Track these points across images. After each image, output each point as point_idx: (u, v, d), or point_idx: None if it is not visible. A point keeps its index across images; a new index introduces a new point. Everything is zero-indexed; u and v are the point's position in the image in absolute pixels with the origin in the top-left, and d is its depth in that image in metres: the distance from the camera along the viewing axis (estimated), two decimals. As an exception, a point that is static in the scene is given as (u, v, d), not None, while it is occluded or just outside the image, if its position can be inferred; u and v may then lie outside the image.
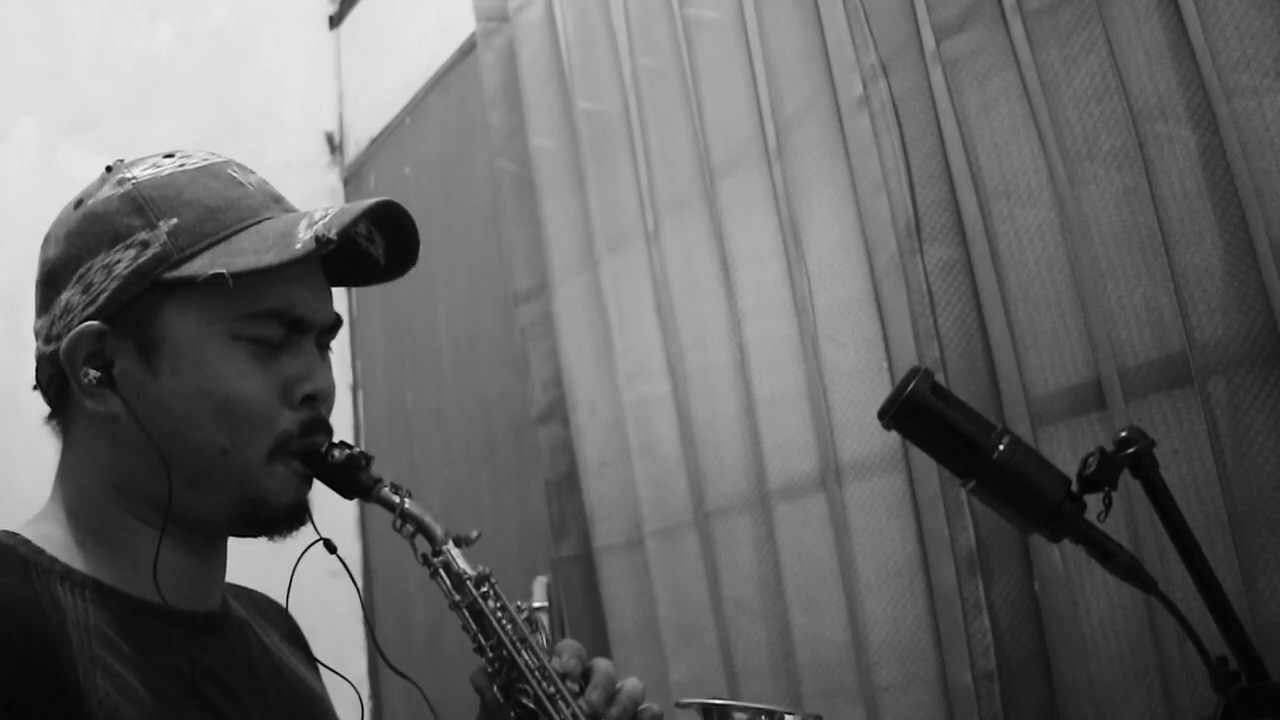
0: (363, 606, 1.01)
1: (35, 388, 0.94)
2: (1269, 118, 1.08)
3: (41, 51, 2.54)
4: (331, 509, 0.99)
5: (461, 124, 2.45)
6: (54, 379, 0.91)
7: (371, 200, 0.92)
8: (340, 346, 2.83)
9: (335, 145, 2.95)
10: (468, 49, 2.37)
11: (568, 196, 1.90)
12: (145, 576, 0.86)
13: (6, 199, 2.38)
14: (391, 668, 1.01)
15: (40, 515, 0.91)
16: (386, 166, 2.77)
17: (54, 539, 0.88)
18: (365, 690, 2.43)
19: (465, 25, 2.26)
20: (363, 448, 0.93)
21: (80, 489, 0.91)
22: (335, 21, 3.02)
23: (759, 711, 1.00)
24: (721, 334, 1.62)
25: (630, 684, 0.94)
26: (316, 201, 3.04)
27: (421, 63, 2.60)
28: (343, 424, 2.75)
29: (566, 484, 1.91)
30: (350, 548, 2.65)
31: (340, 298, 2.82)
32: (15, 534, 0.88)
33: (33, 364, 0.94)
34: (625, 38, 1.81)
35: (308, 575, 1.01)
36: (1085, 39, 1.22)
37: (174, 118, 2.61)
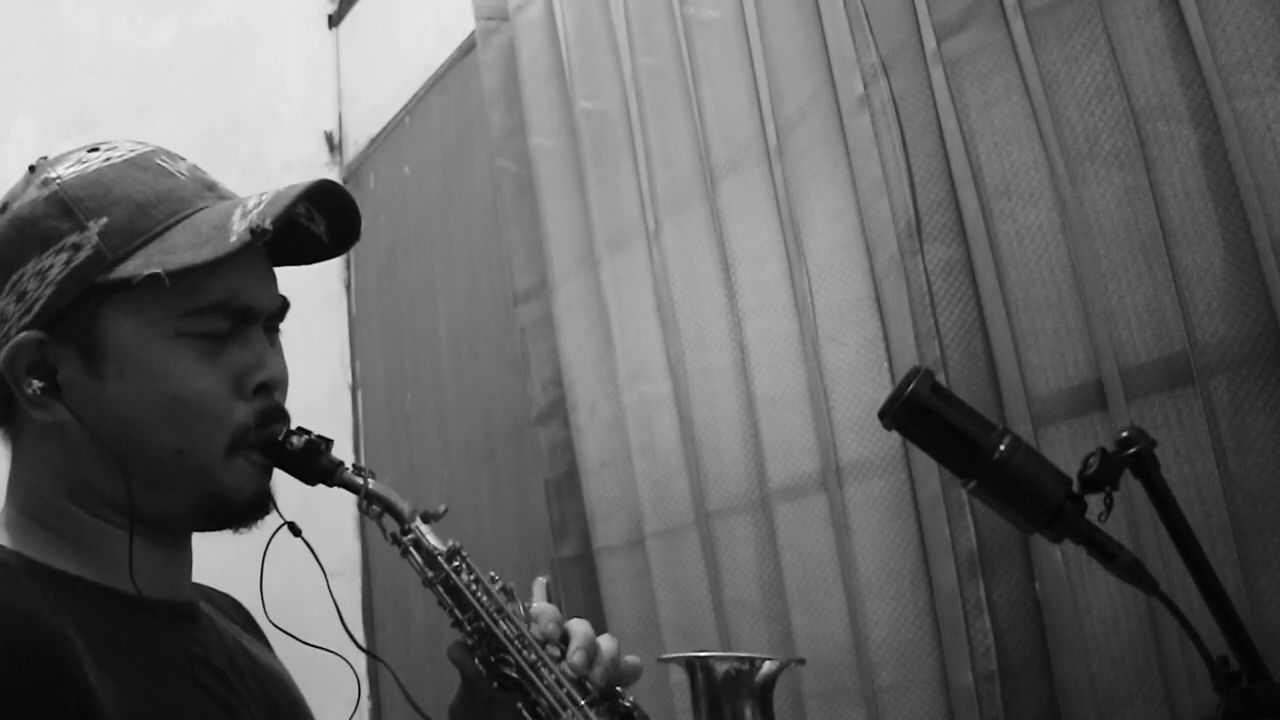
0: (326, 580, 1.00)
1: None
2: (1270, 117, 1.07)
3: (40, 50, 2.54)
4: (329, 509, 0.99)
5: (461, 123, 2.45)
6: None
7: (304, 184, 0.90)
8: (340, 346, 2.86)
9: (334, 145, 2.95)
10: (467, 48, 2.37)
11: (568, 196, 1.89)
12: (120, 572, 0.86)
13: (5, 199, 2.38)
14: (356, 644, 1.01)
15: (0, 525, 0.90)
16: (386, 166, 2.76)
17: (25, 543, 0.87)
18: (365, 687, 2.43)
19: (465, 24, 2.25)
20: (363, 448, 0.94)
21: (38, 496, 0.89)
22: (334, 21, 3.01)
23: (739, 660, 1.01)
24: (722, 334, 1.62)
25: (605, 642, 0.94)
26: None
27: (421, 62, 2.60)
28: (342, 424, 2.75)
29: (566, 484, 1.91)
30: (349, 548, 2.65)
31: (340, 299, 2.85)
32: None
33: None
34: (625, 37, 1.81)
35: (309, 575, 1.01)
36: (1086, 38, 1.22)
37: (172, 117, 2.61)
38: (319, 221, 0.96)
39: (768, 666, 1.00)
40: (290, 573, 1.01)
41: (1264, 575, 1.07)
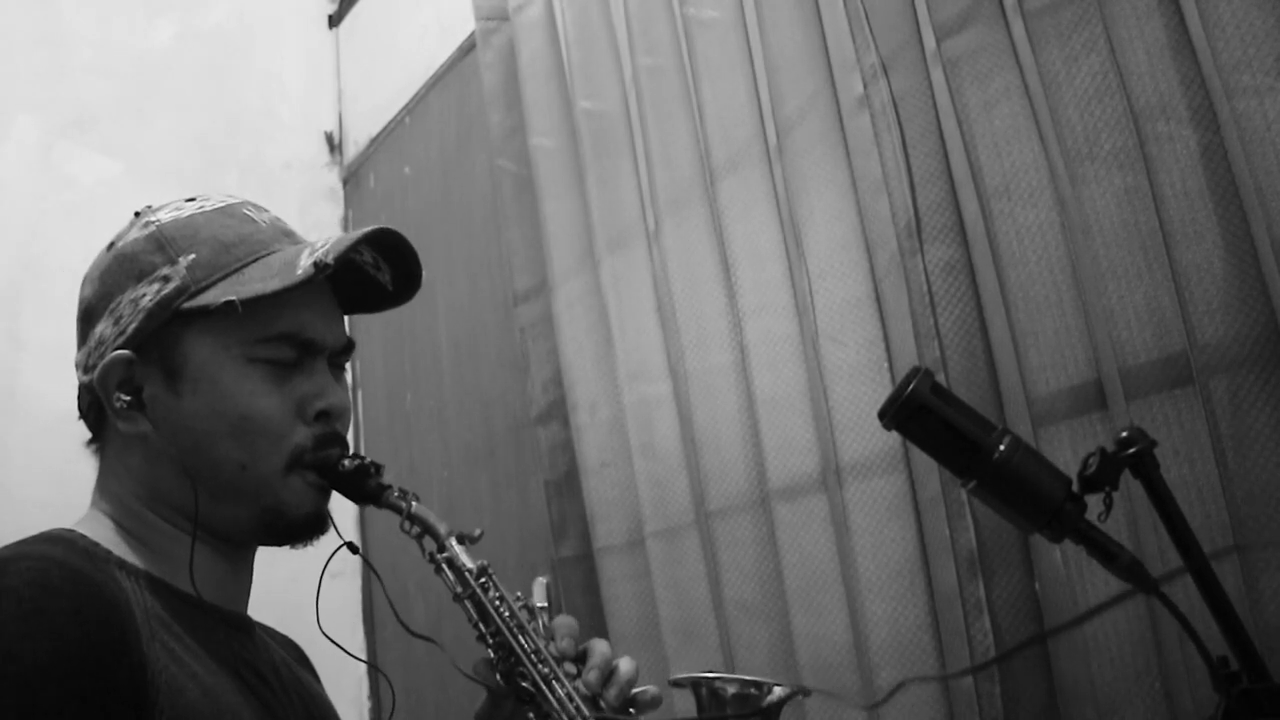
0: (384, 590, 1.13)
1: (80, 417, 1.02)
2: (1270, 117, 1.07)
3: (40, 50, 2.53)
4: (331, 512, 1.01)
5: (461, 124, 2.45)
6: (92, 405, 0.99)
7: (369, 227, 0.99)
8: (339, 346, 2.85)
9: (334, 145, 2.95)
10: (467, 48, 2.37)
11: (568, 196, 1.89)
12: (185, 574, 0.93)
13: (5, 198, 2.38)
14: (413, 634, 1.07)
15: (84, 520, 0.97)
16: (386, 166, 2.76)
17: (104, 537, 0.94)
18: (365, 689, 2.43)
19: (465, 24, 2.26)
20: (363, 448, 0.96)
21: (119, 501, 0.97)
22: (335, 21, 3.01)
23: (747, 684, 1.02)
24: (722, 334, 1.62)
25: (624, 664, 0.98)
26: (315, 201, 3.02)
27: (421, 62, 2.60)
28: (342, 424, 2.74)
29: (566, 484, 1.91)
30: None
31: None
32: (71, 530, 0.94)
33: (32, 364, 0.98)
34: (625, 37, 1.81)
35: (308, 577, 1.02)
36: (1086, 38, 1.22)
37: (173, 117, 2.61)
38: (385, 271, 1.05)
39: (777, 692, 1.00)
40: (290, 573, 1.02)
41: (1264, 575, 1.07)
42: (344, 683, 1.07)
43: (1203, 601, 0.82)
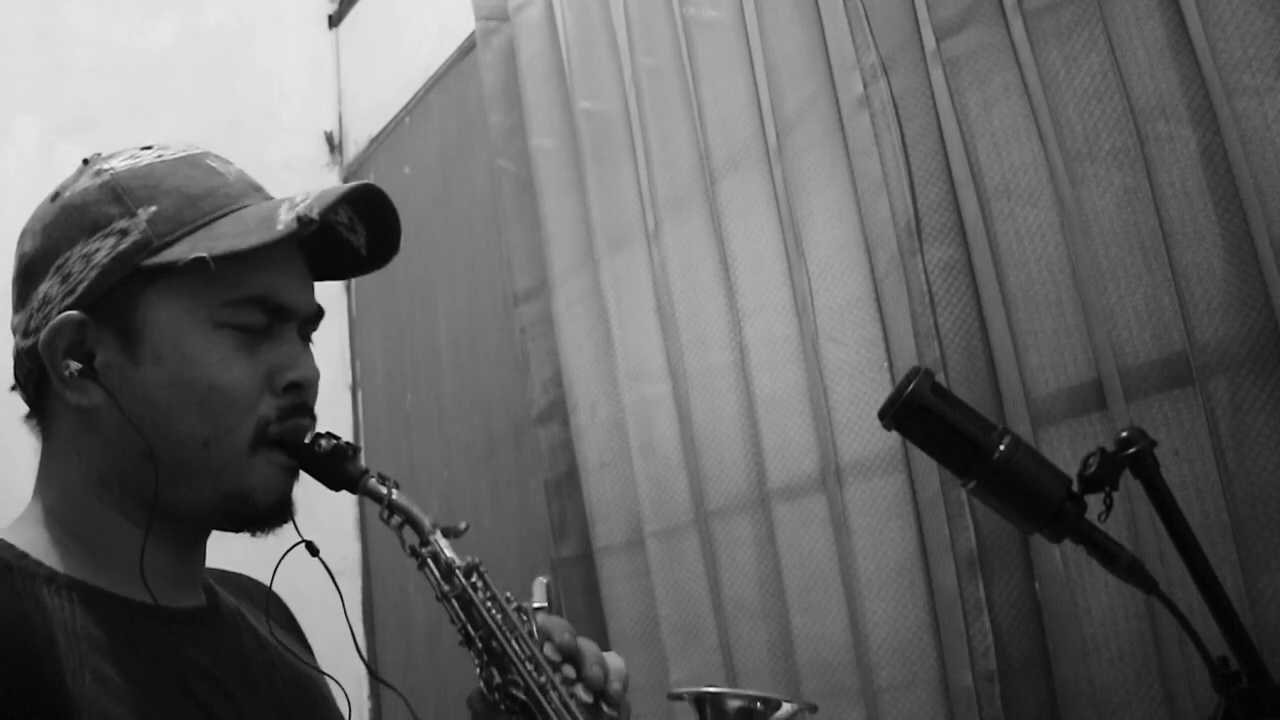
0: (345, 616, 1.01)
1: (13, 387, 0.92)
2: (1270, 117, 1.07)
3: (40, 50, 2.54)
4: (330, 509, 0.99)
5: (461, 124, 2.45)
6: (32, 374, 0.89)
7: (352, 183, 0.92)
8: (340, 346, 2.85)
9: (334, 145, 2.94)
10: (467, 48, 2.37)
11: (568, 196, 1.89)
12: (129, 576, 0.85)
13: (4, 199, 2.38)
14: (378, 679, 0.99)
15: (21, 519, 0.90)
16: (386, 166, 2.76)
17: (37, 542, 0.86)
18: (364, 690, 2.43)
19: (465, 24, 2.26)
20: (363, 448, 0.93)
21: (63, 488, 0.89)
22: (335, 21, 3.01)
23: (754, 699, 0.98)
24: (721, 334, 1.62)
25: (613, 661, 0.93)
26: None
27: (421, 62, 2.60)
28: (343, 424, 2.75)
29: (566, 484, 1.91)
30: (349, 548, 2.64)
31: (340, 299, 2.84)
32: None
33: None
34: (625, 37, 1.81)
35: (309, 573, 1.01)
36: (1086, 38, 1.22)
37: (173, 117, 2.61)
38: (360, 233, 0.96)
39: (785, 709, 0.97)
40: (290, 573, 1.01)
41: (1264, 575, 1.07)
42: (344, 680, 1.06)
43: (1203, 601, 0.82)
